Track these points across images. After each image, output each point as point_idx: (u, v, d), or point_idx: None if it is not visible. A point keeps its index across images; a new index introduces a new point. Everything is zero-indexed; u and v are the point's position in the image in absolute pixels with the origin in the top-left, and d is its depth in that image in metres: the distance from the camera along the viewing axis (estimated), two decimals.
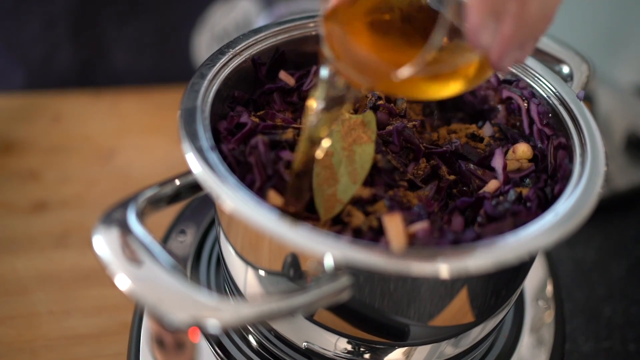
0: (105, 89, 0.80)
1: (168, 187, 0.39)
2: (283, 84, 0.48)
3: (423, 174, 0.44)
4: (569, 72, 0.48)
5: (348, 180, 0.40)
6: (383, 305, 0.37)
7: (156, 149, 0.73)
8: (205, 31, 0.83)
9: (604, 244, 0.67)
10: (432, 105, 0.52)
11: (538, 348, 0.50)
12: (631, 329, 0.59)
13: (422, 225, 0.37)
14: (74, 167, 0.70)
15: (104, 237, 0.34)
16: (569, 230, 0.34)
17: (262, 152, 0.40)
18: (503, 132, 0.47)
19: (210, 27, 0.83)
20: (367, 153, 0.41)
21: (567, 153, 0.41)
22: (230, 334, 0.47)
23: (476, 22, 0.32)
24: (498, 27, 0.33)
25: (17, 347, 0.52)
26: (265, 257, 0.39)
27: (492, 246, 0.33)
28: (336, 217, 0.39)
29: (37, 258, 0.59)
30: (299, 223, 0.33)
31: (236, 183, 0.35)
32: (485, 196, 0.41)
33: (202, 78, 0.42)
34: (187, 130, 0.38)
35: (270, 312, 0.32)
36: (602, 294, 0.62)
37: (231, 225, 0.41)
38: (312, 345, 0.42)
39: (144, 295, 0.32)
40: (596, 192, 0.37)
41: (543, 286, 0.55)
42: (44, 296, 0.56)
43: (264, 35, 0.47)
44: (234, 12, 0.84)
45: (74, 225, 0.63)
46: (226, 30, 0.84)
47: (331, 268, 0.34)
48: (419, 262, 0.32)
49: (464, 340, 0.43)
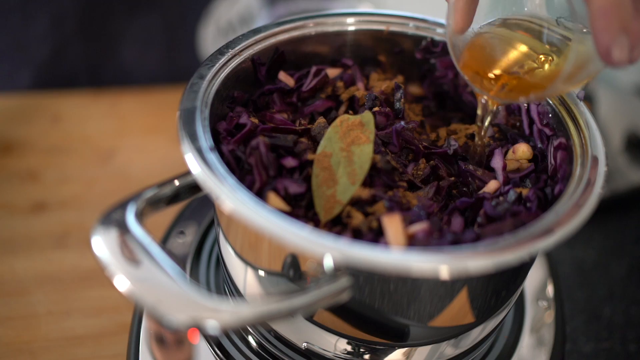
0: (106, 89, 0.80)
1: (167, 188, 0.39)
2: (283, 85, 0.48)
3: (422, 174, 0.44)
4: None
5: (347, 181, 0.40)
6: (383, 305, 0.37)
7: (156, 149, 0.73)
8: (210, 25, 0.84)
9: (605, 244, 0.67)
10: (432, 106, 0.52)
11: (538, 348, 0.50)
12: (631, 330, 0.58)
13: (421, 225, 0.37)
14: (73, 167, 0.70)
15: (103, 238, 0.34)
16: (570, 230, 0.34)
17: (263, 153, 0.40)
18: (503, 132, 0.47)
19: (215, 21, 0.84)
20: (365, 153, 0.41)
21: (567, 153, 0.41)
22: (229, 335, 0.47)
23: (607, 43, 0.33)
24: (627, 41, 0.33)
25: (16, 347, 0.52)
26: (264, 257, 0.39)
27: (492, 247, 0.33)
28: (336, 218, 0.39)
29: (37, 259, 0.59)
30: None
31: (235, 184, 0.35)
32: (485, 197, 0.41)
33: (202, 78, 0.42)
34: (186, 130, 0.38)
35: (270, 313, 0.32)
36: (603, 294, 0.62)
37: (230, 225, 0.41)
38: (312, 345, 0.42)
39: (143, 296, 0.32)
40: (596, 192, 0.36)
41: (543, 286, 0.55)
42: (43, 297, 0.56)
43: (264, 36, 0.47)
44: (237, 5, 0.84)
45: (74, 225, 0.63)
46: (231, 24, 0.85)
47: (331, 269, 0.34)
48: (419, 263, 0.32)
49: (464, 340, 0.43)
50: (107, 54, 0.82)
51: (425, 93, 0.52)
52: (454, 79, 0.51)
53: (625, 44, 0.33)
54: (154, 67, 0.84)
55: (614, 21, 0.33)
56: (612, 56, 0.34)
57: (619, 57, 0.34)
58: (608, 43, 0.33)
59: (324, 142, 0.42)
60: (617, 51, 0.33)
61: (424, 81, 0.52)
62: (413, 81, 0.53)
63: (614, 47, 0.33)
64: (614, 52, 0.33)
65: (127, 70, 0.83)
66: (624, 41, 0.33)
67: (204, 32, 0.84)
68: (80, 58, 0.80)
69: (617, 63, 0.34)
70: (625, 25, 0.33)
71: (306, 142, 0.43)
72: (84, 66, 0.81)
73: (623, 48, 0.33)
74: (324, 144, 0.42)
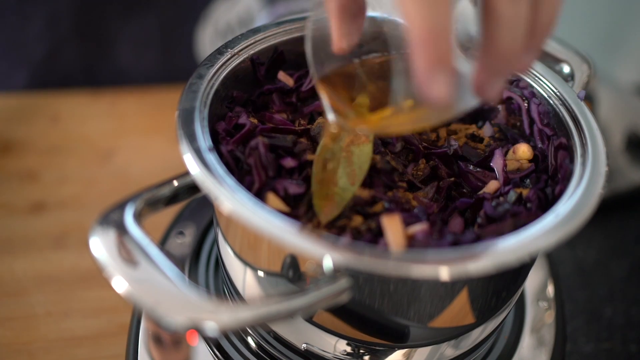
0: (105, 89, 0.80)
1: (166, 189, 0.39)
2: (282, 85, 0.48)
3: (422, 174, 0.44)
4: (570, 72, 0.48)
5: (346, 182, 0.40)
6: (383, 306, 0.37)
7: (155, 149, 0.73)
8: (208, 26, 0.83)
9: (605, 245, 0.67)
10: None
11: (539, 349, 0.50)
12: (632, 330, 0.58)
13: (421, 226, 0.37)
14: (72, 167, 0.69)
15: (101, 239, 0.34)
16: (570, 231, 0.34)
17: (262, 154, 0.40)
18: (503, 132, 0.47)
19: (213, 22, 0.83)
20: (365, 153, 0.40)
21: (568, 153, 0.41)
22: (228, 336, 0.47)
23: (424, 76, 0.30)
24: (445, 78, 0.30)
25: (14, 349, 0.52)
26: (264, 258, 0.39)
27: (492, 248, 0.33)
28: (335, 218, 0.39)
29: (36, 259, 0.59)
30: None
31: (234, 184, 0.35)
32: (485, 197, 0.41)
33: (201, 78, 0.42)
34: (185, 130, 0.38)
35: (269, 314, 0.32)
36: (603, 294, 0.62)
37: (230, 226, 0.41)
38: (311, 347, 0.42)
39: (141, 297, 0.32)
40: (597, 192, 0.36)
41: (544, 287, 0.55)
42: (42, 297, 0.56)
43: (263, 35, 0.47)
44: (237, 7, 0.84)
45: (73, 225, 0.62)
46: (229, 26, 0.84)
47: (330, 270, 0.34)
48: (419, 264, 0.32)
49: (465, 341, 0.43)
50: (103, 54, 0.81)
51: None
52: None
53: (443, 81, 0.30)
54: (150, 68, 0.83)
55: (432, 53, 0.30)
56: (431, 93, 0.31)
57: (436, 94, 0.31)
58: (426, 78, 0.30)
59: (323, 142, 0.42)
60: (435, 88, 0.30)
61: None
62: None
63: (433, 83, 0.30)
64: (433, 88, 0.30)
65: (124, 70, 0.83)
66: (441, 78, 0.30)
67: (202, 34, 0.84)
68: (76, 58, 0.80)
69: (436, 100, 0.31)
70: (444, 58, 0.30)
71: (305, 143, 0.43)
72: (81, 66, 0.81)
73: (441, 85, 0.30)
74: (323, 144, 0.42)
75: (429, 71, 0.30)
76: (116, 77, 0.82)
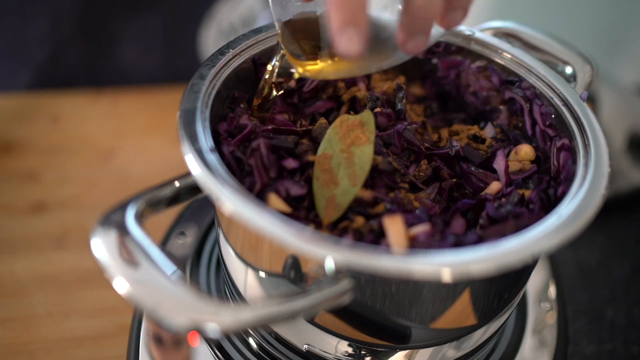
0: (106, 89, 0.80)
1: (167, 189, 0.39)
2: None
3: (424, 175, 0.43)
4: (572, 73, 0.48)
5: (348, 183, 0.39)
6: (384, 308, 0.37)
7: (156, 149, 0.73)
8: (212, 26, 0.83)
9: (607, 245, 0.67)
10: (433, 107, 0.52)
11: (540, 350, 0.50)
12: (634, 331, 0.58)
13: (423, 227, 0.37)
14: (73, 167, 0.69)
15: (102, 240, 0.34)
16: (573, 232, 0.34)
17: (263, 155, 0.40)
18: (505, 133, 0.47)
19: (217, 23, 0.83)
20: (366, 154, 0.40)
21: (570, 154, 0.41)
22: (230, 337, 0.47)
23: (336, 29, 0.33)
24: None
25: (15, 349, 0.52)
26: (265, 259, 0.39)
27: (494, 249, 0.33)
28: (337, 219, 0.39)
29: (36, 259, 0.59)
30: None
31: (236, 185, 0.35)
32: (487, 198, 0.41)
33: (202, 79, 0.42)
34: (186, 131, 0.38)
35: (271, 316, 0.32)
36: (605, 295, 0.62)
37: (231, 227, 0.41)
38: (313, 347, 0.41)
39: (142, 298, 0.32)
40: (600, 193, 0.36)
41: (545, 288, 0.55)
42: (43, 298, 0.56)
43: (265, 36, 0.47)
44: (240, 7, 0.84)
45: (73, 226, 0.62)
46: (233, 26, 0.84)
47: (332, 271, 0.34)
48: (421, 265, 0.32)
49: (466, 343, 0.42)
50: (106, 54, 0.81)
51: (427, 94, 0.52)
52: (456, 79, 0.50)
53: (352, 37, 0.33)
54: (153, 68, 0.83)
55: (344, 12, 0.33)
56: (340, 48, 0.34)
57: (345, 49, 0.34)
58: (338, 33, 0.33)
59: (324, 143, 0.42)
60: (344, 43, 0.34)
61: (426, 82, 0.52)
62: (415, 82, 0.52)
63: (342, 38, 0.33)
64: (342, 44, 0.34)
65: (127, 70, 0.83)
66: (351, 34, 0.33)
67: (205, 34, 0.84)
68: (79, 58, 0.80)
69: (345, 54, 0.34)
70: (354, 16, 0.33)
71: (307, 144, 0.43)
72: (84, 66, 0.81)
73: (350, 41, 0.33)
74: (324, 145, 0.42)
75: (339, 29, 0.33)
76: (119, 77, 0.82)
